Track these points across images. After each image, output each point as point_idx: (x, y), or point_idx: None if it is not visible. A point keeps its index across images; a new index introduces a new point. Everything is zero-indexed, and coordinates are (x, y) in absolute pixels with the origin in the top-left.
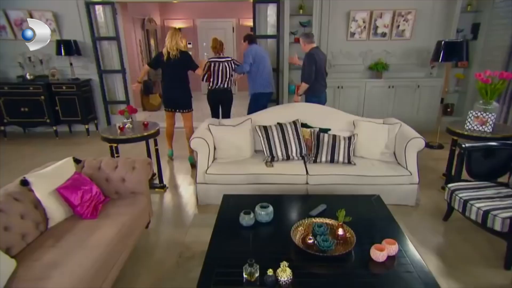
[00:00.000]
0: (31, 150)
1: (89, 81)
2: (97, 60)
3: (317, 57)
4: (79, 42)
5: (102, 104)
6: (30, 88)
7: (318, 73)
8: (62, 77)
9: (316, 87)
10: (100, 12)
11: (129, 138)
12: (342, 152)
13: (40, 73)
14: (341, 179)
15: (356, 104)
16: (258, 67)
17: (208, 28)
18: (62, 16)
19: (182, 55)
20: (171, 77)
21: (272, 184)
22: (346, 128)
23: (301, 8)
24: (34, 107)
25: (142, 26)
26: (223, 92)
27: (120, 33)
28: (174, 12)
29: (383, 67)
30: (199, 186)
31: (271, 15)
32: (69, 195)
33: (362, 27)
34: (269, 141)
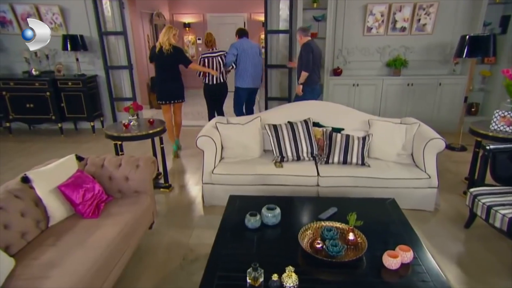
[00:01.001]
0: (36, 147)
1: (95, 77)
2: (104, 56)
3: (314, 46)
4: (85, 37)
5: (108, 101)
6: (36, 84)
7: (313, 64)
8: (68, 73)
9: (311, 77)
10: (107, 6)
11: (133, 135)
12: (356, 153)
13: (46, 68)
14: (354, 181)
15: (372, 102)
16: (240, 61)
17: (219, 23)
18: (68, 10)
19: (174, 50)
20: (164, 71)
21: (281, 186)
22: (361, 128)
23: (315, 1)
24: (39, 104)
25: (150, 20)
26: (218, 86)
27: (127, 28)
28: (183, 6)
29: (401, 63)
30: (205, 186)
31: (284, 9)
32: (70, 193)
33: (379, 21)
34: (279, 141)
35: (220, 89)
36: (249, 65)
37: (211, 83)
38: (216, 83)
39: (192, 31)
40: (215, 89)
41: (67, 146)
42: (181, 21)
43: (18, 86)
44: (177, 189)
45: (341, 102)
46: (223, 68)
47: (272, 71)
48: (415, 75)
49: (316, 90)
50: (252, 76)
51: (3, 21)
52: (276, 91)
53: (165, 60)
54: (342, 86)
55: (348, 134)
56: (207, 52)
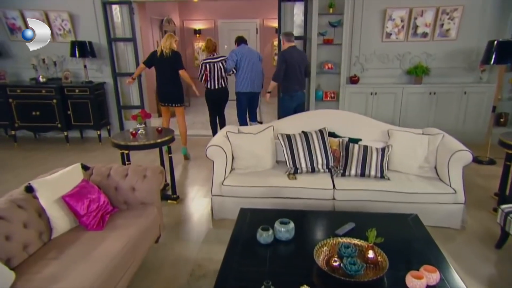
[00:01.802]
0: (41, 156)
1: (103, 84)
2: (112, 63)
3: (289, 56)
4: (94, 44)
5: (116, 109)
6: (43, 91)
7: (290, 73)
8: (76, 80)
9: (287, 86)
10: (117, 12)
11: (141, 144)
12: (374, 165)
13: (53, 75)
14: (373, 195)
15: (391, 112)
16: (239, 66)
17: (230, 29)
18: (78, 16)
19: (173, 54)
20: (164, 73)
21: (294, 199)
22: (379, 139)
23: (331, 6)
24: (45, 111)
25: (160, 27)
26: (219, 91)
27: (136, 34)
28: (194, 12)
29: (423, 71)
30: (214, 198)
31: (298, 15)
32: (75, 204)
33: (399, 26)
34: (293, 151)
35: (221, 94)
36: (248, 70)
37: (212, 88)
38: (217, 88)
39: (202, 38)
40: (216, 94)
41: (73, 155)
42: (191, 27)
43: (25, 93)
44: (185, 201)
45: (358, 111)
46: (224, 73)
47: None
48: (438, 83)
49: (296, 98)
50: (251, 80)
51: (13, 28)
52: None
53: (164, 63)
54: (359, 95)
55: (366, 145)
56: (208, 58)
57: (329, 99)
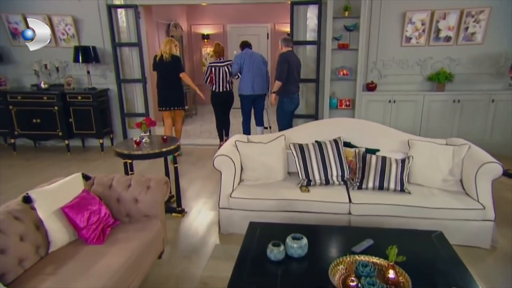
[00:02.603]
0: (41, 165)
1: (107, 91)
2: (117, 68)
3: (290, 59)
4: (98, 49)
5: (119, 117)
6: (44, 98)
7: (289, 75)
8: (78, 86)
9: (288, 87)
10: (122, 16)
11: (145, 153)
12: (394, 178)
13: (55, 81)
14: (392, 210)
15: (412, 121)
16: (243, 70)
17: (240, 34)
18: (82, 21)
19: (172, 58)
20: (164, 78)
21: (307, 213)
22: (399, 149)
23: (347, 9)
24: (46, 119)
25: (166, 31)
26: (224, 94)
27: (142, 39)
28: (202, 16)
29: (446, 77)
30: (222, 211)
31: (311, 18)
32: (74, 216)
33: (420, 30)
34: (305, 162)
35: (226, 97)
36: (250, 74)
37: (217, 91)
38: (222, 91)
39: (210, 43)
40: (221, 97)
41: (74, 164)
42: (199, 32)
43: (26, 100)
44: (191, 214)
45: (375, 120)
46: (229, 77)
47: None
48: (462, 91)
49: (294, 100)
50: (253, 83)
51: (15, 33)
52: (302, 108)
53: (164, 67)
54: (376, 103)
55: (385, 155)
56: (214, 61)
57: (344, 107)
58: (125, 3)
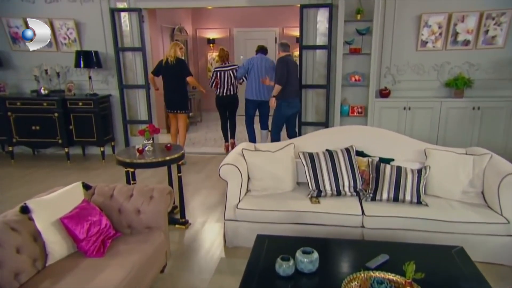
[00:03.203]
0: (39, 174)
1: (108, 97)
2: (119, 74)
3: (289, 62)
4: (100, 53)
5: (121, 124)
6: (44, 104)
7: (289, 79)
8: (79, 92)
9: (286, 91)
10: (126, 19)
11: (148, 162)
12: (410, 189)
13: (56, 87)
14: (408, 223)
15: (428, 129)
16: (249, 74)
17: (247, 39)
18: (84, 24)
19: (177, 61)
20: (169, 81)
21: (318, 225)
22: (415, 159)
23: (359, 12)
24: (46, 126)
25: (171, 36)
26: (228, 97)
27: (146, 43)
28: (208, 20)
29: (464, 83)
30: (227, 223)
31: (322, 22)
32: (74, 227)
33: (437, 33)
34: (316, 172)
35: (230, 101)
36: (256, 79)
37: (221, 95)
38: (226, 94)
39: (216, 48)
40: (226, 101)
41: (74, 173)
42: (204, 36)
43: (25, 106)
44: (195, 226)
45: (389, 128)
46: (233, 81)
47: (307, 92)
48: (482, 97)
49: (292, 105)
50: (258, 89)
51: (15, 37)
52: (312, 115)
53: (169, 71)
54: (390, 110)
55: (400, 165)
56: (219, 66)
57: (357, 114)
58: (129, 6)
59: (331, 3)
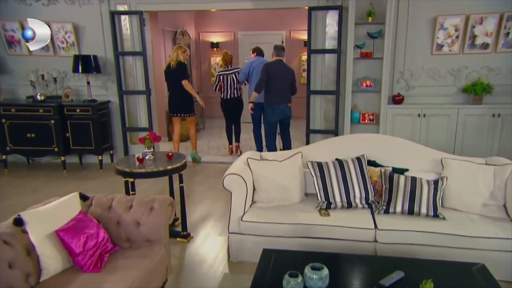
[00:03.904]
0: (34, 184)
1: (107, 103)
2: (119, 79)
3: (272, 68)
4: (99, 58)
5: (121, 131)
6: (40, 111)
7: (271, 85)
8: (77, 98)
9: (270, 98)
10: (126, 23)
11: (149, 172)
12: (426, 201)
13: (52, 93)
14: (425, 238)
15: (444, 137)
16: (250, 78)
17: (252, 42)
18: (83, 28)
19: (178, 65)
20: (172, 85)
21: (327, 239)
22: (431, 169)
23: (370, 14)
24: (41, 133)
25: (173, 39)
26: (232, 100)
27: (147, 47)
28: (211, 23)
29: (483, 88)
30: (231, 236)
31: (331, 25)
32: (70, 240)
33: (453, 36)
34: (325, 182)
35: (234, 104)
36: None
37: (225, 98)
38: (230, 97)
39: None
40: (229, 104)
41: (70, 183)
42: (208, 40)
43: (20, 113)
44: (197, 239)
45: (403, 136)
46: (237, 84)
47: (315, 98)
48: (503, 104)
49: (278, 111)
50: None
51: (11, 41)
52: (320, 122)
53: (172, 75)
54: (404, 117)
55: (414, 176)
56: (223, 70)
57: (368, 121)
58: (130, 9)
59: (341, 5)
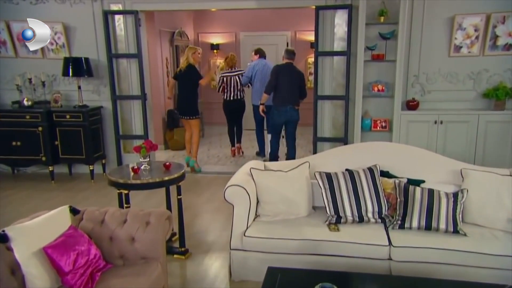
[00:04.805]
0: (19, 196)
1: (100, 109)
2: (112, 83)
3: (281, 70)
4: (91, 60)
5: (114, 139)
6: (27, 117)
7: (279, 87)
8: (67, 104)
9: (277, 99)
10: (120, 23)
11: (145, 183)
12: (444, 216)
13: (40, 98)
14: (444, 256)
15: (464, 146)
16: (253, 81)
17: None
18: (74, 28)
19: (187, 68)
20: (181, 88)
21: (337, 257)
22: (449, 180)
23: (382, 14)
24: (28, 141)
25: (170, 41)
26: (235, 102)
27: (142, 49)
28: (211, 24)
29: (506, 93)
30: (233, 253)
31: (340, 25)
32: (59, 258)
33: (472, 37)
34: (334, 195)
35: (237, 105)
36: (260, 85)
37: (228, 99)
38: (233, 99)
39: (221, 54)
40: (232, 105)
41: (59, 195)
42: (208, 41)
43: (5, 119)
44: (196, 256)
45: (418, 145)
46: (240, 86)
47: (324, 104)
48: None
49: (284, 113)
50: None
51: None
52: (329, 129)
53: (181, 78)
54: (419, 124)
55: (432, 188)
56: (226, 71)
57: (380, 129)
58: (124, 8)
59: (351, 4)
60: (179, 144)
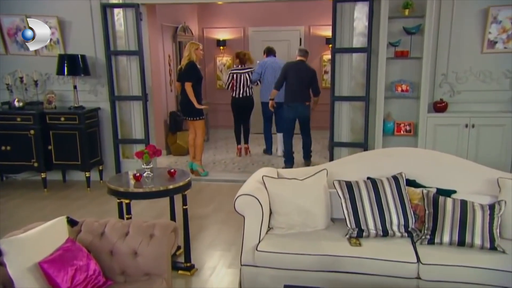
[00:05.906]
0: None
1: (97, 110)
2: (111, 82)
3: (291, 67)
4: (88, 58)
5: (112, 144)
6: (17, 119)
7: (288, 83)
8: (62, 105)
9: (287, 95)
10: (120, 17)
11: (147, 191)
12: (480, 230)
13: (33, 98)
14: (479, 276)
15: (499, 152)
16: (264, 78)
17: (264, 40)
18: (69, 23)
19: (186, 65)
20: (182, 87)
21: (359, 274)
22: (484, 191)
23: (407, 7)
24: (19, 145)
25: (173, 37)
26: (243, 100)
27: (144, 46)
28: (217, 18)
29: None
30: (244, 269)
31: (360, 19)
32: (55, 274)
33: (509, 31)
34: (355, 206)
35: (246, 103)
36: (270, 82)
37: (237, 96)
38: (242, 96)
39: (227, 51)
40: (241, 102)
41: (52, 204)
42: (213, 37)
43: None
44: (203, 272)
45: (447, 151)
46: (249, 83)
47: (341, 105)
48: None
49: (294, 109)
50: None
51: None
52: (347, 133)
53: (181, 76)
54: (448, 127)
55: (464, 199)
56: (236, 68)
57: (404, 133)
58: (124, 2)
59: None
60: (182, 149)
